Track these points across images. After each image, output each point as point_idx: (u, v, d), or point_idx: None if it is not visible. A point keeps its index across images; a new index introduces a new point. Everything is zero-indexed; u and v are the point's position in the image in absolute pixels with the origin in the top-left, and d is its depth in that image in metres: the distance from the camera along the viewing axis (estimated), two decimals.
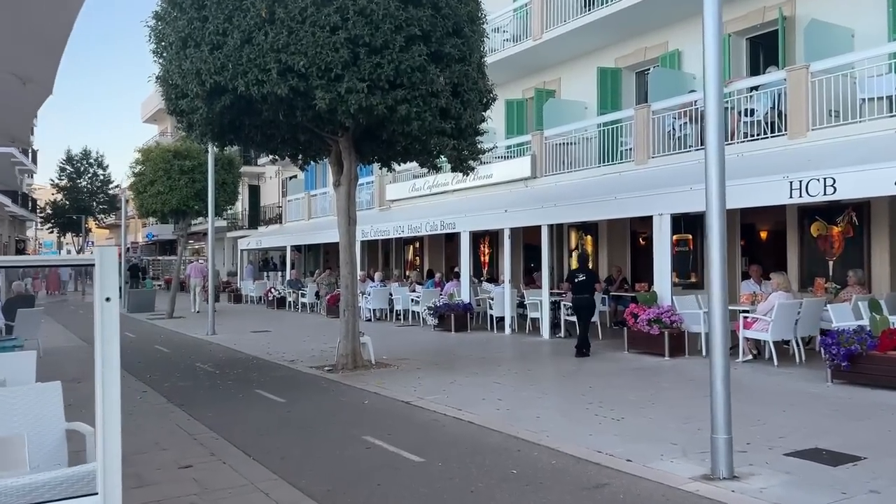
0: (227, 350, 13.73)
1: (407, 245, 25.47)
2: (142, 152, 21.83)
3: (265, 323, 19.51)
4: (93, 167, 46.18)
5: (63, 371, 11.25)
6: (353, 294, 11.03)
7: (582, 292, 12.09)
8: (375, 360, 11.23)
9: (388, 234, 19.89)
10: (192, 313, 23.08)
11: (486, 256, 21.38)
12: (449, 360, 11.76)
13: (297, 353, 12.83)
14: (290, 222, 30.21)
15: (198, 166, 21.47)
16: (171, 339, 15.87)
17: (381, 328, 17.05)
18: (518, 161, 17.62)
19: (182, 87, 9.72)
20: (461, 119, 9.96)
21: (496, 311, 15.53)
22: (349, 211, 11.08)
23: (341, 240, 11.12)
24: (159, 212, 21.61)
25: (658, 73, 15.28)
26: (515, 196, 16.98)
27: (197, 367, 11.52)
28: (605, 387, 8.88)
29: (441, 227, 17.42)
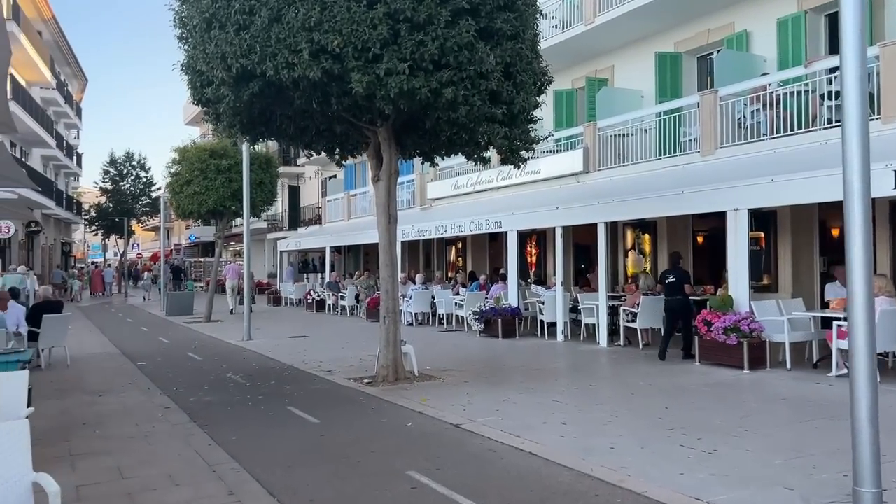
0: (261, 358, 12.90)
1: (449, 245, 24.47)
2: (178, 151, 21.25)
3: (303, 327, 18.72)
4: (135, 169, 46.22)
5: (87, 382, 10.54)
6: (394, 299, 10.06)
7: (673, 294, 11.27)
8: (418, 371, 10.25)
9: (430, 233, 18.91)
10: (230, 316, 22.47)
11: (533, 257, 20.25)
12: (499, 371, 10.71)
13: (335, 361, 11.93)
14: (329, 223, 29.50)
15: (234, 165, 20.80)
16: (204, 346, 15.13)
17: (424, 333, 16.08)
18: (569, 155, 16.46)
19: (207, 74, 8.87)
20: (513, 104, 8.89)
21: (547, 317, 14.42)
22: (389, 208, 10.10)
23: (381, 239, 10.16)
24: (196, 212, 21.00)
25: (725, 57, 13.99)
26: (566, 192, 15.85)
27: (227, 378, 10.69)
28: (684, 407, 7.73)
29: (486, 227, 16.37)
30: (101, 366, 12.27)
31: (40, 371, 11.56)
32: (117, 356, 13.58)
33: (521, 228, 15.64)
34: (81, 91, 51.48)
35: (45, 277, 39.29)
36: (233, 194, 20.74)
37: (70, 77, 46.25)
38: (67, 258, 45.49)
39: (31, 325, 11.67)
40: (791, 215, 13.27)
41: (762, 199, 10.30)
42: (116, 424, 7.60)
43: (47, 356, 12.37)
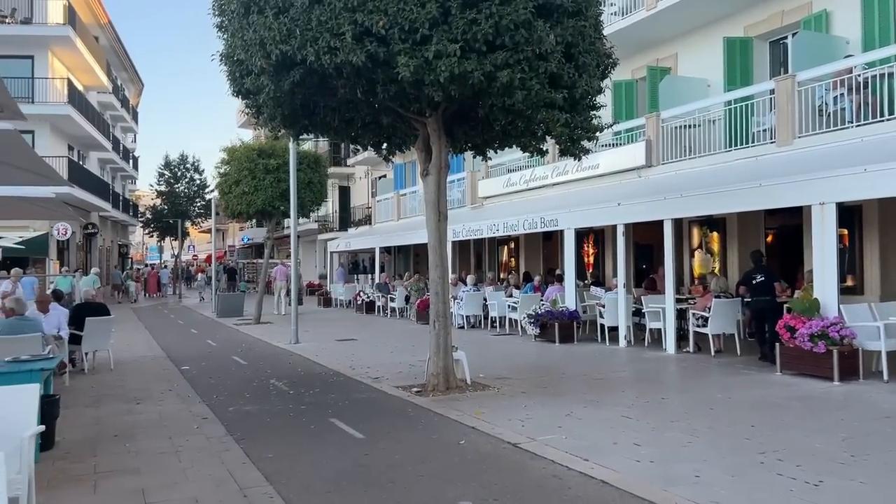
0: (306, 363, 12.37)
1: (501, 245, 23.69)
2: (227, 151, 21.03)
3: (352, 330, 18.21)
4: (189, 172, 46.69)
5: (126, 387, 10.14)
6: (445, 302, 9.37)
7: (761, 294, 10.59)
8: (471, 379, 9.54)
9: (482, 233, 18.18)
10: (279, 317, 22.17)
11: (591, 257, 19.33)
12: (558, 380, 9.91)
13: (383, 367, 11.31)
14: (379, 223, 29.04)
15: (283, 165, 20.45)
16: (251, 349, 14.72)
17: (475, 337, 15.36)
18: (630, 148, 15.52)
19: (247, 63, 8.33)
20: (575, 88, 8.10)
21: (608, 320, 13.53)
22: (439, 204, 9.42)
23: (430, 238, 9.49)
24: (244, 213, 20.73)
25: (803, 39, 12.90)
26: (627, 188, 14.93)
27: (271, 385, 10.16)
28: (773, 425, 6.83)
29: (541, 225, 15.55)
30: (144, 370, 11.91)
31: (83, 375, 11.26)
32: (162, 360, 13.24)
33: (578, 227, 14.79)
34: (138, 95, 52.45)
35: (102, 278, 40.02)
36: (281, 194, 20.40)
37: (127, 82, 47.10)
38: (124, 260, 46.29)
39: (76, 328, 11.40)
40: (879, 210, 12.10)
41: (854, 191, 9.26)
42: (149, 437, 7.09)
43: (91, 359, 12.08)
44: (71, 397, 9.32)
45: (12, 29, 27.95)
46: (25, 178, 7.57)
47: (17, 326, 8.64)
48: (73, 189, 28.41)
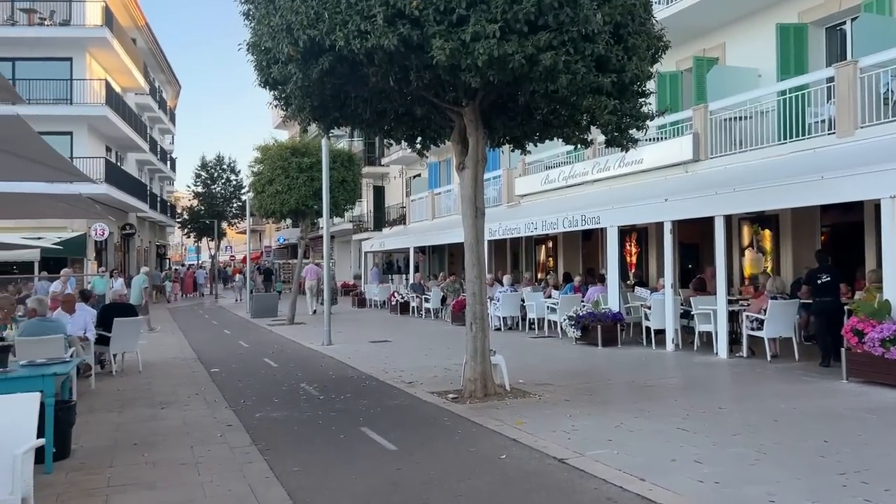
0: (338, 366, 11.94)
1: (538, 245, 23.05)
2: (260, 150, 20.79)
3: (386, 331, 17.77)
4: (226, 173, 46.90)
5: (153, 391, 9.80)
6: (482, 303, 8.83)
7: (825, 295, 10.02)
8: (510, 385, 8.99)
9: (519, 231, 17.58)
10: (312, 318, 21.89)
11: (633, 257, 18.60)
12: (604, 387, 9.30)
13: (418, 371, 10.82)
14: (413, 223, 28.62)
15: (316, 163, 20.10)
16: (282, 351, 14.36)
17: (513, 340, 14.80)
18: (676, 142, 14.80)
19: (273, 51, 7.91)
20: (624, 72, 7.50)
21: (654, 323, 12.85)
22: (476, 200, 8.89)
23: (466, 236, 8.96)
24: (278, 212, 20.45)
25: (865, 23, 12.08)
26: (673, 183, 14.22)
27: (301, 389, 9.74)
28: (848, 441, 6.15)
29: (582, 223, 14.91)
30: (173, 372, 11.60)
31: (110, 377, 10.99)
32: (192, 362, 12.94)
33: (622, 224, 14.13)
34: (175, 97, 52.94)
35: None
36: (315, 193, 20.08)
37: (164, 84, 47.51)
38: (162, 260, 46.65)
39: (104, 330, 11.15)
40: None
41: None
42: (170, 446, 6.69)
43: (120, 361, 11.83)
44: (96, 401, 9.02)
45: (51, 31, 28.20)
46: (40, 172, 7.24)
47: (40, 328, 8.35)
48: (110, 189, 28.63)
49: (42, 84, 28.21)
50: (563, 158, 19.47)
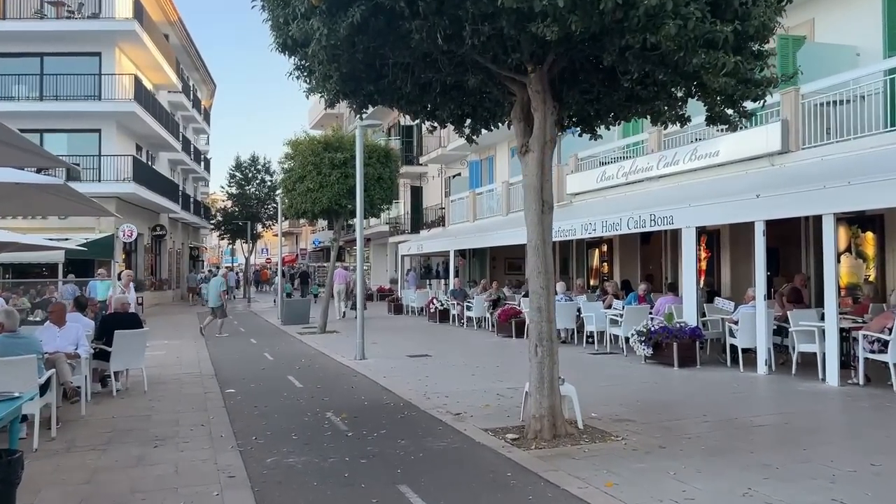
0: (372, 387, 10.29)
1: (591, 249, 21.16)
2: (290, 145, 19.30)
3: (425, 343, 16.09)
4: (260, 174, 45.84)
5: (151, 421, 8.19)
6: (550, 320, 7.07)
7: None
8: (583, 421, 7.23)
9: (575, 233, 15.75)
10: (344, 325, 20.34)
11: (703, 262, 16.61)
12: (702, 425, 7.45)
13: (465, 397, 9.11)
14: (453, 225, 26.97)
15: (350, 159, 18.55)
16: (310, 366, 12.78)
17: (570, 356, 13.00)
18: (760, 131, 12.85)
19: (292, 4, 6.29)
20: (748, 20, 5.69)
21: (741, 340, 10.92)
22: (542, 191, 7.14)
23: (530, 235, 7.21)
24: (309, 211, 18.94)
25: None
26: (758, 178, 12.31)
27: (326, 420, 8.10)
28: None
29: (651, 223, 13.03)
30: (182, 393, 10.07)
31: (110, 400, 9.48)
32: (208, 379, 11.41)
33: (700, 225, 12.22)
34: (210, 97, 52.15)
35: (171, 282, 39.47)
36: (349, 191, 18.51)
37: (199, 83, 46.67)
38: (196, 262, 45.74)
39: (105, 343, 9.68)
40: None
41: None
42: None
43: (124, 380, 10.34)
44: (80, 433, 7.50)
45: (79, 24, 27.22)
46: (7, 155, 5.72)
47: (9, 346, 6.84)
48: (138, 188, 27.54)
49: (70, 80, 27.25)
50: (620, 153, 17.61)
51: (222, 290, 19.42)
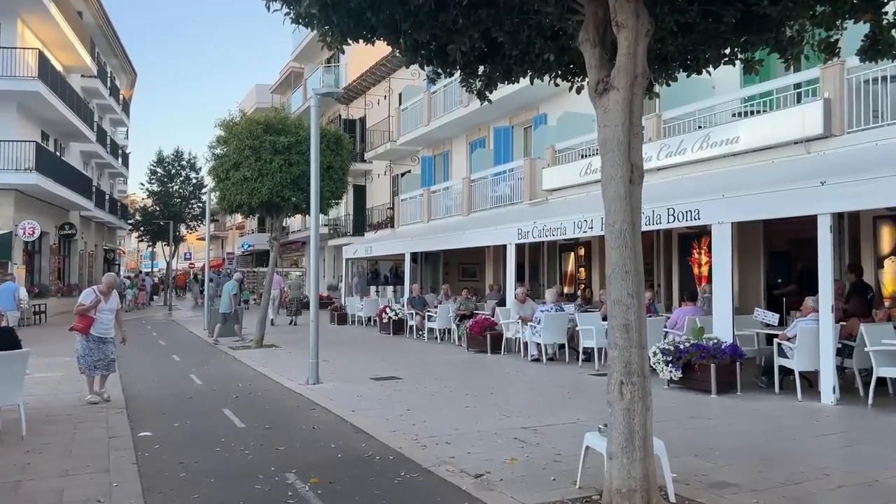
0: (342, 428, 7.72)
1: (565, 252, 19.04)
2: (223, 127, 16.43)
3: (387, 359, 13.57)
4: (185, 170, 42.13)
5: (20, 494, 5.39)
6: (642, 345, 4.72)
7: None
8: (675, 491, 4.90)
9: (564, 232, 13.49)
10: (283, 338, 17.62)
11: (703, 267, 14.65)
12: (835, 488, 5.25)
13: (475, 445, 6.68)
14: (403, 226, 24.48)
15: (295, 144, 15.89)
16: (251, 395, 10.09)
17: (569, 379, 10.80)
18: (796, 112, 10.92)
19: None
20: None
21: (799, 362, 8.85)
22: (630, 149, 4.81)
23: (612, 215, 4.84)
24: (246, 204, 16.09)
25: None
26: (792, 167, 10.41)
27: (289, 487, 5.53)
28: None
29: (668, 219, 10.92)
30: (77, 438, 7.26)
31: None
32: (114, 414, 8.58)
33: (740, 220, 10.12)
34: (130, 87, 48.00)
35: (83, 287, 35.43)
36: (293, 182, 15.83)
37: (118, 70, 42.64)
38: (111, 266, 41.60)
39: None
40: None
41: None
42: None
43: None
44: None
45: None
46: None
47: None
48: (42, 180, 23.92)
49: None
50: None
51: (233, 294, 18.14)
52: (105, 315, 9.20)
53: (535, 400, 9.18)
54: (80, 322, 9.07)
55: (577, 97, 18.25)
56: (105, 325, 9.22)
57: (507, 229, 15.11)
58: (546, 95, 19.24)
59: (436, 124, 23.33)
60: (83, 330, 9.05)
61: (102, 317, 9.15)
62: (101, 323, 9.16)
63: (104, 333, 9.23)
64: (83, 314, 9.06)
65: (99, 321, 9.12)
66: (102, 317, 9.15)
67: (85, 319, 9.05)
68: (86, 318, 9.05)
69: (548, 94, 19.06)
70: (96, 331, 9.14)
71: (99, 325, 9.14)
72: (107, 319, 9.23)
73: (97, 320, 9.11)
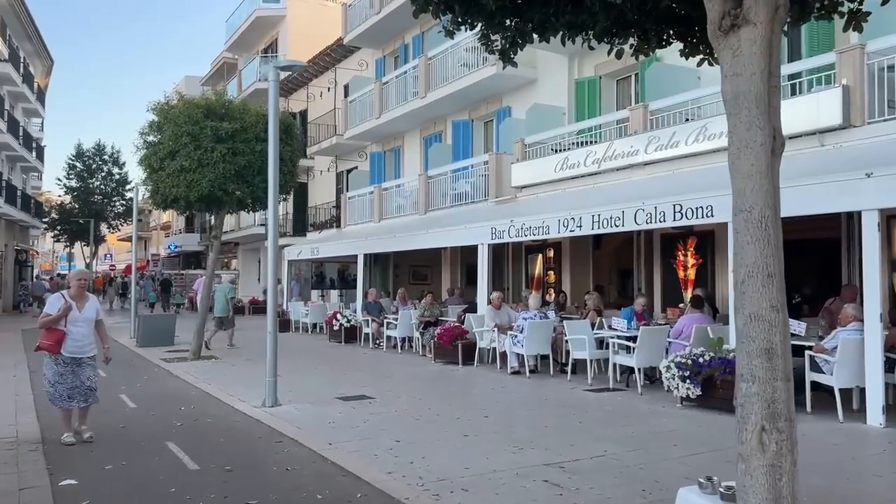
0: (320, 467, 6.22)
1: (532, 254, 17.88)
2: (157, 111, 14.51)
3: (348, 373, 12.09)
4: (107, 165, 39.18)
5: None
6: (788, 377, 3.44)
7: None
8: None
9: (548, 231, 12.22)
10: (225, 349, 15.82)
11: (690, 270, 13.69)
12: None
13: (498, 493, 5.31)
14: (351, 225, 22.89)
15: (241, 131, 14.14)
16: (198, 421, 8.44)
17: (563, 396, 9.58)
18: (808, 100, 10.00)
19: None
20: None
21: (840, 378, 7.83)
22: (769, 105, 3.53)
23: (744, 202, 3.53)
24: (183, 199, 14.21)
25: None
26: (803, 162, 9.46)
27: None
28: None
29: (676, 215, 9.79)
30: None
31: None
32: (27, 451, 6.82)
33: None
34: (47, 75, 44.42)
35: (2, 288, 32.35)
36: (237, 173, 14.09)
37: (31, 55, 39.26)
38: (23, 268, 38.26)
39: None
40: None
41: None
42: None
43: None
44: None
45: None
46: None
47: None
48: None
49: None
50: (588, 136, 14.45)
51: (230, 298, 17.20)
52: (79, 328, 7.19)
53: (539, 424, 7.88)
54: (46, 338, 7.10)
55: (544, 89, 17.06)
56: (80, 342, 7.20)
57: (478, 228, 13.80)
58: (510, 87, 18.09)
59: (388, 117, 21.84)
60: (51, 348, 7.09)
61: (76, 330, 7.16)
62: (75, 338, 7.15)
63: (79, 352, 7.20)
64: (49, 327, 7.11)
65: (71, 336, 7.12)
66: (76, 330, 7.16)
67: (53, 334, 7.09)
68: (54, 331, 7.10)
69: (512, 86, 17.93)
70: (69, 349, 7.13)
71: (72, 342, 7.13)
72: (82, 334, 7.22)
73: (69, 335, 7.11)
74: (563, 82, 16.58)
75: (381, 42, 24.26)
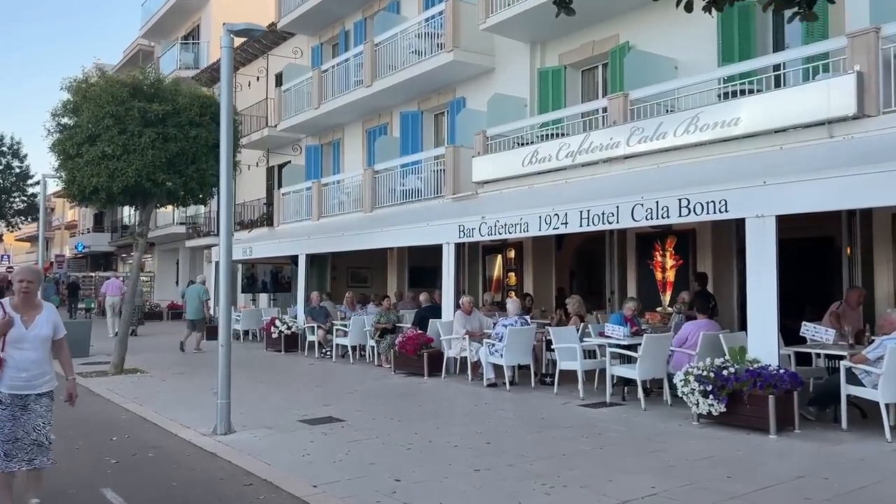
0: None
1: (491, 255, 16.78)
2: (74, 90, 12.57)
3: (302, 388, 10.69)
4: (6, 157, 35.75)
5: None
6: None
7: None
8: None
9: (527, 229, 11.08)
10: (151, 362, 14.03)
11: (670, 272, 12.88)
12: None
13: None
14: (285, 224, 21.26)
15: (173, 114, 12.44)
16: (138, 457, 6.86)
17: (559, 414, 8.51)
18: (818, 88, 9.22)
19: None
20: None
21: (886, 392, 7.01)
22: None
23: None
24: (104, 190, 12.33)
25: None
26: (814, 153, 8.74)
27: None
28: None
29: (682, 211, 8.83)
30: None
31: None
32: None
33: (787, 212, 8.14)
34: None
35: None
36: (169, 162, 12.38)
37: None
38: None
39: None
40: None
41: None
42: None
43: None
44: None
45: None
46: None
47: None
48: None
49: None
50: (562, 127, 13.46)
51: (205, 301, 16.75)
52: (25, 352, 4.85)
53: (555, 452, 6.72)
54: None
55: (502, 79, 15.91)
56: (28, 372, 4.85)
57: (443, 226, 12.56)
58: (465, 77, 16.96)
59: (327, 108, 20.30)
60: None
61: (21, 355, 4.84)
62: (19, 367, 4.83)
63: (26, 387, 4.87)
64: None
65: (13, 363, 4.81)
66: (21, 355, 4.84)
67: None
68: None
69: (467, 75, 16.81)
70: (8, 383, 4.81)
71: (13, 373, 4.81)
72: (30, 360, 4.87)
73: (7, 362, 4.79)
74: (524, 72, 15.56)
75: (318, 28, 22.69)
